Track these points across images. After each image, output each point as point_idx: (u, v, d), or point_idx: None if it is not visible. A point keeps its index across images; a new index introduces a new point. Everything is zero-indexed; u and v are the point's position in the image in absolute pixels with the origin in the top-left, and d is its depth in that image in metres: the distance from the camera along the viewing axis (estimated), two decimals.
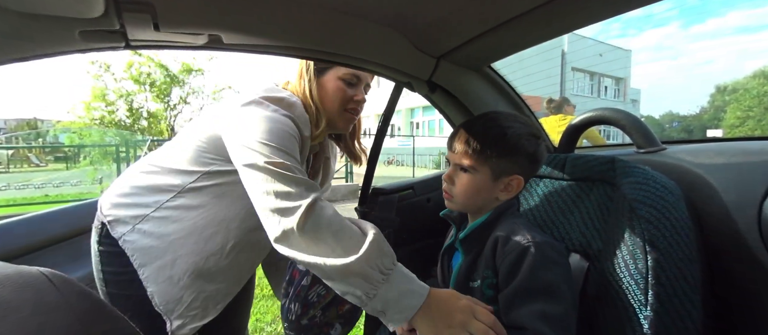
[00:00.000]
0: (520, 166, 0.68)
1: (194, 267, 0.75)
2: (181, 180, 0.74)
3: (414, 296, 0.57)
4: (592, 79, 19.77)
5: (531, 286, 0.57)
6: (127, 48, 0.71)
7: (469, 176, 0.69)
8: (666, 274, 0.54)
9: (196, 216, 0.74)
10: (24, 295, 0.49)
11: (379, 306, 0.57)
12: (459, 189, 0.70)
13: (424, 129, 18.89)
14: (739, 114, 18.81)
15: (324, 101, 0.81)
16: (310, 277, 0.82)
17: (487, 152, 0.66)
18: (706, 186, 0.65)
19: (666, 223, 0.56)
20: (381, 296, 0.56)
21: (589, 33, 23.02)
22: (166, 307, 0.74)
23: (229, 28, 0.67)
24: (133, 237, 0.74)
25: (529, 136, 0.69)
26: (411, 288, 0.58)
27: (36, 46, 0.65)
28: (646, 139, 0.81)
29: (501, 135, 0.67)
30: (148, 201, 0.75)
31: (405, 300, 0.57)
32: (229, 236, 0.77)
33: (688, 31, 47.10)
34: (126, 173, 0.83)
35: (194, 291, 0.75)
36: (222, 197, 0.75)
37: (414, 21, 0.74)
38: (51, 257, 1.00)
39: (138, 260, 0.73)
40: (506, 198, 0.70)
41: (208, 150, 0.74)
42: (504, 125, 0.69)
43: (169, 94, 10.95)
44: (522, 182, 0.68)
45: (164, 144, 0.84)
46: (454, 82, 1.00)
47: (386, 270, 0.57)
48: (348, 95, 0.82)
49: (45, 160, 15.37)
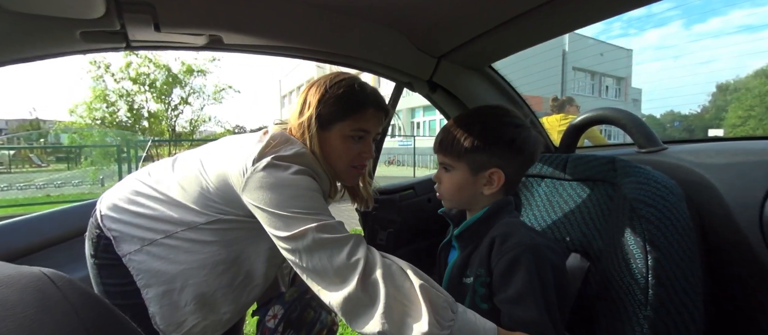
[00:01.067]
0: (498, 158, 0.66)
1: (202, 297, 0.74)
2: (191, 217, 0.72)
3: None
4: (593, 78, 19.74)
5: (526, 289, 0.56)
6: (128, 48, 0.71)
7: (449, 174, 0.70)
8: (666, 274, 0.54)
9: (208, 253, 0.73)
10: (25, 295, 0.49)
11: None
12: (444, 188, 0.72)
13: (424, 129, 18.89)
14: (741, 113, 18.76)
15: (329, 157, 0.75)
16: (280, 334, 0.86)
17: (458, 148, 0.67)
18: (707, 185, 0.65)
19: (667, 223, 0.56)
20: None
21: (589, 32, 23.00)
22: (166, 328, 0.73)
23: (230, 28, 0.67)
24: (141, 258, 0.72)
25: (504, 126, 0.67)
26: (476, 328, 0.55)
27: (37, 47, 0.65)
28: (647, 138, 0.81)
29: (470, 129, 0.67)
30: (157, 227, 0.73)
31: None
32: (239, 273, 0.77)
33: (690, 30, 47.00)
34: (125, 185, 0.79)
35: (197, 318, 0.74)
36: (234, 242, 0.75)
37: (415, 21, 0.74)
38: (53, 257, 1.00)
39: (143, 280, 0.72)
40: (491, 193, 0.68)
41: (216, 199, 0.72)
42: (476, 120, 0.69)
43: (170, 94, 10.96)
44: (502, 176, 0.66)
45: (162, 165, 0.80)
46: (454, 82, 1.00)
47: (448, 319, 0.54)
48: (354, 151, 0.76)
49: (46, 160, 15.41)
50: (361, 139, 0.76)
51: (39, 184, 8.49)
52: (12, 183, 8.30)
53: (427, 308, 0.53)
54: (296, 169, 0.66)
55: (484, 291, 0.63)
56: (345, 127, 0.74)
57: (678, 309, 0.54)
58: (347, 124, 0.74)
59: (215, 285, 0.75)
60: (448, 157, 0.70)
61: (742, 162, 0.64)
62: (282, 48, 0.80)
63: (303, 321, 0.96)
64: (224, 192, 0.71)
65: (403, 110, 19.35)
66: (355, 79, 0.78)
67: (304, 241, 0.60)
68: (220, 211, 0.72)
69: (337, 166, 0.76)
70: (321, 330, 0.99)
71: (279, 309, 0.93)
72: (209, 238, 0.73)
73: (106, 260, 0.74)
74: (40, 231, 1.02)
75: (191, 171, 0.75)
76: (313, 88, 0.75)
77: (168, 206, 0.74)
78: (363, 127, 0.75)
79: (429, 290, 0.56)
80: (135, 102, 10.66)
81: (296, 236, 0.60)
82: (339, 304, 0.57)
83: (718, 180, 0.64)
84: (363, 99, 0.74)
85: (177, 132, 11.38)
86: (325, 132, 0.74)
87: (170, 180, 0.76)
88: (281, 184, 0.64)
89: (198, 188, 0.73)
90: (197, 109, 11.67)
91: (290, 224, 0.61)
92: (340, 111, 0.73)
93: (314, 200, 0.65)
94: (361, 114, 0.74)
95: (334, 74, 0.79)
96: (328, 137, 0.74)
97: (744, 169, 0.62)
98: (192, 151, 0.81)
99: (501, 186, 0.67)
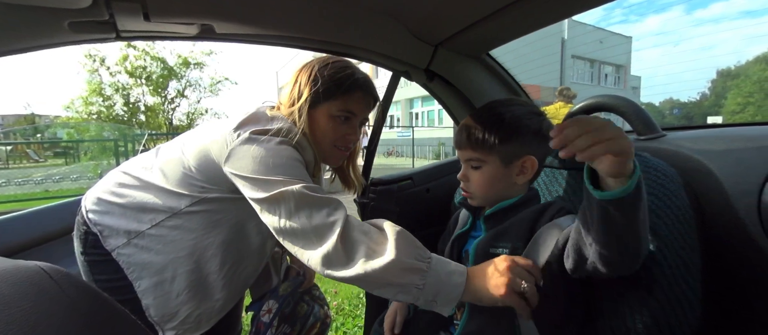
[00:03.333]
0: (529, 146, 0.67)
1: (193, 284, 0.74)
2: (174, 202, 0.73)
3: (457, 274, 0.58)
4: (592, 66, 19.63)
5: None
6: (118, 39, 0.70)
7: (480, 170, 0.69)
8: (668, 262, 0.54)
9: (195, 239, 0.74)
10: (22, 289, 0.49)
11: (430, 294, 0.57)
12: (476, 186, 0.70)
13: (423, 119, 18.82)
14: (740, 100, 18.74)
15: (314, 134, 0.76)
16: (275, 329, 0.88)
17: (489, 141, 0.66)
18: (705, 172, 0.64)
19: (667, 211, 0.56)
20: (430, 284, 0.57)
21: (589, 19, 22.78)
22: (161, 319, 0.74)
23: (222, 17, 0.66)
24: (129, 251, 0.72)
25: (529, 114, 0.68)
26: (451, 268, 0.59)
27: (25, 38, 0.63)
28: (646, 125, 0.80)
29: (499, 120, 0.67)
30: (142, 217, 0.73)
31: (452, 280, 0.58)
32: (227, 256, 0.77)
33: (691, 16, 46.50)
34: (108, 179, 0.79)
35: (191, 307, 0.75)
36: (220, 223, 0.75)
37: (411, 8, 0.73)
38: (50, 252, 1.00)
39: (134, 273, 0.72)
40: (525, 181, 0.69)
41: (198, 178, 0.72)
42: (500, 110, 0.68)
43: (166, 87, 10.86)
44: (535, 162, 0.68)
45: (147, 154, 0.81)
46: (452, 71, 0.99)
47: (425, 258, 0.58)
48: (339, 132, 0.78)
49: (44, 155, 15.34)
50: (347, 120, 0.78)
51: (37, 179, 8.46)
52: (10, 179, 8.27)
53: (404, 248, 0.57)
54: (278, 141, 0.68)
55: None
56: (332, 107, 0.76)
57: (678, 297, 0.54)
58: (334, 104, 0.75)
59: (206, 270, 0.75)
60: (477, 152, 0.68)
61: (740, 148, 0.64)
62: (275, 37, 0.79)
63: (296, 315, 0.97)
64: (206, 169, 0.71)
65: (402, 101, 19.25)
66: (346, 63, 0.79)
67: (284, 202, 0.61)
68: (202, 189, 0.72)
69: (322, 145, 0.78)
70: (314, 323, 1.01)
71: (273, 303, 0.93)
72: (194, 223, 0.73)
73: (96, 256, 0.74)
74: (38, 227, 1.02)
75: (173, 154, 0.75)
76: (304, 68, 0.78)
77: (150, 192, 0.74)
78: (349, 109, 0.77)
79: (405, 235, 0.60)
80: (131, 95, 10.56)
81: (276, 197, 0.61)
82: (318, 262, 0.59)
83: (716, 167, 0.64)
84: (352, 82, 0.76)
85: (174, 125, 11.31)
86: (313, 110, 0.76)
87: (154, 168, 0.76)
88: (262, 153, 0.65)
89: (180, 169, 0.73)
90: (194, 102, 11.59)
91: (270, 187, 0.62)
92: (329, 91, 0.75)
93: (295, 168, 0.66)
94: (348, 95, 0.76)
95: (327, 57, 0.80)
96: (315, 115, 0.76)
97: (743, 155, 0.62)
98: (176, 138, 0.81)
99: (534, 173, 0.69)
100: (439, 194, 1.13)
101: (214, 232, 0.75)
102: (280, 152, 0.66)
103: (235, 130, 0.67)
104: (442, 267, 0.59)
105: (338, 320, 1.94)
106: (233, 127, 0.68)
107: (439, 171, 1.18)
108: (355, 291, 2.27)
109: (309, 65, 0.78)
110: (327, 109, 0.76)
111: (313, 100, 0.75)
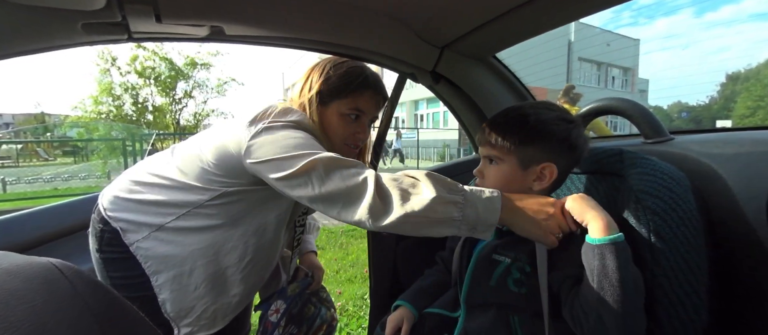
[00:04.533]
0: (550, 153, 0.65)
1: (211, 277, 0.75)
2: (196, 196, 0.73)
3: (492, 200, 0.60)
4: (600, 69, 19.47)
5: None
6: (130, 40, 0.71)
7: (496, 167, 0.67)
8: (671, 264, 0.54)
9: (215, 231, 0.74)
10: (34, 285, 0.50)
11: (472, 219, 0.59)
12: (489, 181, 0.68)
13: (428, 121, 18.79)
14: (750, 104, 18.45)
15: (325, 131, 0.79)
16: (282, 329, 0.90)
17: (510, 140, 0.65)
18: (714, 176, 0.64)
19: (673, 215, 0.55)
20: (469, 211, 0.58)
21: (596, 22, 22.59)
22: (176, 315, 0.74)
23: (231, 19, 0.67)
24: (149, 244, 0.73)
25: (557, 120, 0.65)
26: (485, 195, 0.60)
27: (38, 40, 0.65)
28: (653, 128, 0.79)
29: (522, 122, 0.65)
30: (163, 211, 0.74)
31: (490, 205, 0.59)
32: (247, 251, 0.77)
33: (701, 19, 45.92)
34: (124, 178, 0.80)
35: (207, 301, 0.75)
36: (240, 215, 0.76)
37: (417, 10, 0.73)
38: (62, 248, 1.02)
39: (152, 267, 0.73)
40: (541, 189, 0.66)
41: (218, 173, 0.73)
42: (526, 112, 0.66)
43: (174, 88, 10.97)
44: (554, 170, 0.65)
45: (161, 155, 0.82)
46: (458, 73, 0.99)
47: (458, 190, 0.60)
48: (349, 130, 0.81)
49: (53, 154, 15.58)
50: (357, 118, 0.81)
51: (47, 178, 8.59)
52: (20, 177, 8.41)
53: (436, 186, 0.59)
54: (293, 127, 0.70)
55: (519, 276, 0.63)
56: (342, 105, 0.78)
57: (681, 300, 0.54)
58: (345, 102, 0.78)
59: (225, 263, 0.76)
60: (495, 150, 0.67)
61: (749, 152, 0.63)
62: (284, 39, 0.80)
63: (303, 316, 0.98)
64: (225, 164, 0.72)
65: (407, 102, 19.25)
66: (356, 62, 0.82)
67: (315, 171, 0.63)
68: (223, 184, 0.73)
69: (333, 142, 0.80)
70: (321, 325, 1.01)
71: (281, 303, 0.94)
72: (216, 216, 0.74)
73: (112, 253, 0.75)
74: (50, 223, 1.04)
75: (190, 152, 0.76)
76: (316, 67, 0.80)
77: (171, 190, 0.74)
78: (359, 107, 0.80)
79: (433, 174, 0.61)
80: (140, 95, 10.69)
81: (306, 168, 0.63)
82: (362, 217, 0.60)
83: (725, 171, 0.63)
84: (362, 80, 0.79)
85: (181, 125, 11.42)
86: (324, 108, 0.79)
87: (170, 166, 0.77)
88: (280, 137, 0.67)
89: (199, 165, 0.74)
90: (201, 102, 11.69)
91: (296, 161, 0.63)
92: (339, 89, 0.78)
93: (314, 146, 0.68)
94: (359, 93, 0.79)
95: (338, 57, 0.83)
96: (325, 113, 0.79)
97: (752, 159, 0.61)
98: (191, 137, 0.82)
99: (552, 182, 0.66)
100: None
101: (235, 225, 0.75)
102: (295, 135, 0.68)
103: (251, 124, 0.69)
104: (476, 194, 0.60)
105: (342, 321, 1.95)
106: (249, 120, 0.69)
107: (447, 172, 1.18)
108: (359, 293, 2.27)
109: (321, 64, 0.81)
110: (337, 107, 0.78)
111: (323, 98, 0.78)
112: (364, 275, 2.57)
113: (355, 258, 2.95)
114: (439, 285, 0.82)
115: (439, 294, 0.79)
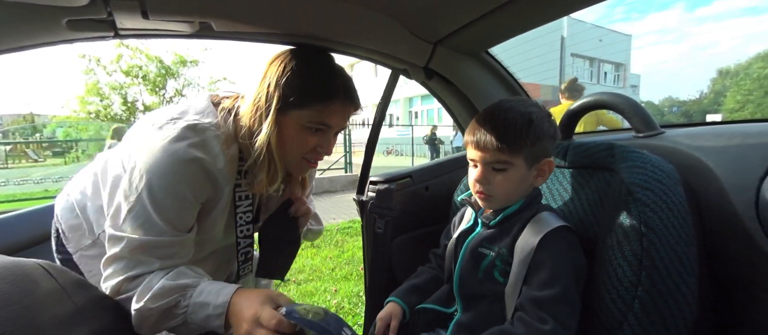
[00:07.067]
0: (548, 148, 0.67)
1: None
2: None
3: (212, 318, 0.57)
4: (592, 64, 19.61)
5: (559, 271, 0.61)
6: (117, 37, 0.69)
7: (505, 173, 0.66)
8: (660, 255, 0.54)
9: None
10: (22, 286, 0.49)
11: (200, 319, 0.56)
12: (499, 189, 0.66)
13: (423, 118, 18.79)
14: (739, 98, 18.73)
15: (279, 144, 0.64)
16: None
17: (519, 143, 0.63)
18: (703, 168, 0.65)
19: (662, 206, 0.56)
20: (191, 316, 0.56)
21: (589, 17, 22.73)
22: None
23: (220, 14, 0.66)
24: (92, 253, 0.71)
25: (547, 117, 0.68)
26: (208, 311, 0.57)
27: (22, 37, 0.63)
28: (644, 122, 0.80)
29: (528, 121, 0.64)
30: (99, 221, 0.70)
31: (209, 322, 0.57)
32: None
33: (693, 14, 46.41)
34: (78, 178, 0.76)
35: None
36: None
37: (409, 5, 0.72)
38: (50, 250, 1.00)
39: (94, 280, 0.67)
40: (539, 183, 0.70)
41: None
42: (526, 111, 0.66)
43: (164, 86, 10.81)
44: (553, 164, 0.68)
45: (105, 152, 0.77)
46: (451, 69, 0.98)
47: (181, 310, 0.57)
48: (310, 144, 0.66)
49: (43, 154, 15.31)
50: (320, 133, 0.66)
51: (36, 179, 8.44)
52: (9, 179, 8.25)
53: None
54: (185, 142, 0.59)
55: (503, 267, 0.66)
56: (303, 116, 0.63)
57: (671, 291, 0.54)
58: (307, 113, 0.63)
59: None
60: (505, 154, 0.64)
61: (738, 144, 0.64)
62: (274, 35, 0.78)
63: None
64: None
65: (401, 99, 19.22)
66: (325, 60, 0.68)
67: (120, 245, 0.58)
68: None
69: (288, 157, 0.67)
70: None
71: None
72: None
73: (65, 255, 0.73)
74: (39, 225, 1.02)
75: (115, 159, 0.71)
76: (276, 61, 0.65)
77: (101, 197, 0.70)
78: (324, 121, 0.65)
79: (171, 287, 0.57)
80: (129, 95, 10.52)
81: (117, 238, 0.58)
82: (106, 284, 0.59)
83: (714, 163, 0.64)
84: (331, 88, 0.64)
85: None
86: (281, 116, 0.63)
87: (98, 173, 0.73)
88: (160, 161, 0.58)
89: (115, 172, 0.68)
90: None
91: (123, 218, 0.58)
92: (302, 97, 0.62)
93: (182, 209, 0.60)
94: (325, 105, 0.64)
95: (302, 48, 0.68)
96: (282, 122, 0.63)
97: (740, 152, 0.62)
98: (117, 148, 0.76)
99: (549, 175, 0.69)
100: (438, 192, 1.13)
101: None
102: (179, 170, 0.59)
103: (151, 119, 0.62)
104: (199, 302, 0.57)
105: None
106: (152, 115, 0.63)
107: (439, 169, 1.19)
108: (354, 290, 2.27)
109: (282, 58, 0.65)
110: (297, 119, 0.63)
111: (283, 105, 0.62)
112: (360, 272, 2.57)
113: (351, 255, 2.95)
114: (431, 281, 0.83)
115: (432, 291, 0.80)
